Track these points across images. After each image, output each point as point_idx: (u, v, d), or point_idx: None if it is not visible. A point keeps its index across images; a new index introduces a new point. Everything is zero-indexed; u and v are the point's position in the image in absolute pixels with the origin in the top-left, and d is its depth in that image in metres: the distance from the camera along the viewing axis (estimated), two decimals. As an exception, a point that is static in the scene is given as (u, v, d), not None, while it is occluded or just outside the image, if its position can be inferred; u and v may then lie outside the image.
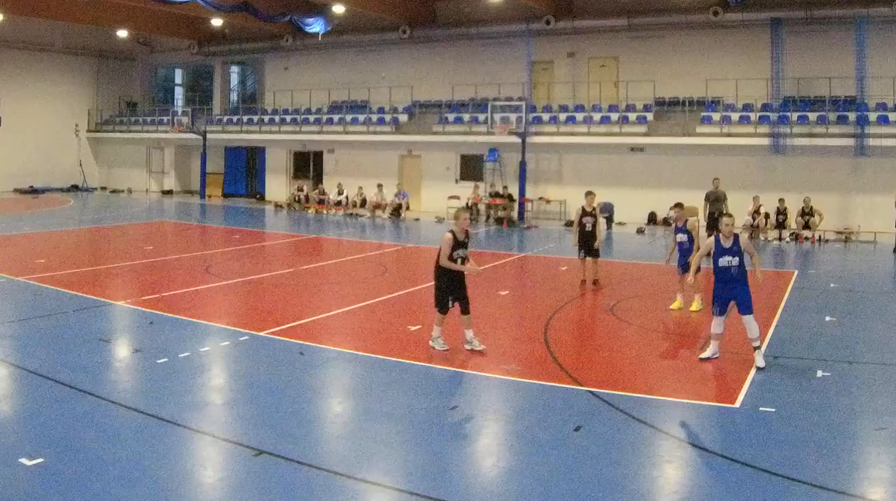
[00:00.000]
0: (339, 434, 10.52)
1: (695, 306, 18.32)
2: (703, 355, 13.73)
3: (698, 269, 15.05)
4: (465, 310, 14.29)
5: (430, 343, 14.37)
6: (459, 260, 14.06)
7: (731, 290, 13.54)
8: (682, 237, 18.63)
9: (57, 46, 56.96)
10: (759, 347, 13.58)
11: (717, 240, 13.66)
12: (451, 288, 14.17)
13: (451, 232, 14.08)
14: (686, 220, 18.91)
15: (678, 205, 19.65)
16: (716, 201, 29.70)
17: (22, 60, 55.02)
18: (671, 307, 18.59)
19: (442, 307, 14.22)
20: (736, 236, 13.58)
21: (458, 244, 14.03)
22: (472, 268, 14.27)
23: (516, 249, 31.62)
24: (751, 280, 13.67)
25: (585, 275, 21.74)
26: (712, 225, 27.60)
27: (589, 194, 21.75)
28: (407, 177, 46.89)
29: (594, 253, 21.45)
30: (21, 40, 54.54)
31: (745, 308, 13.45)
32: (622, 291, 21.06)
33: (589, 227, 21.36)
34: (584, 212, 21.47)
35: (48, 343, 14.57)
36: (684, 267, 18.22)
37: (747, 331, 13.54)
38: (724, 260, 13.49)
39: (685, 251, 18.49)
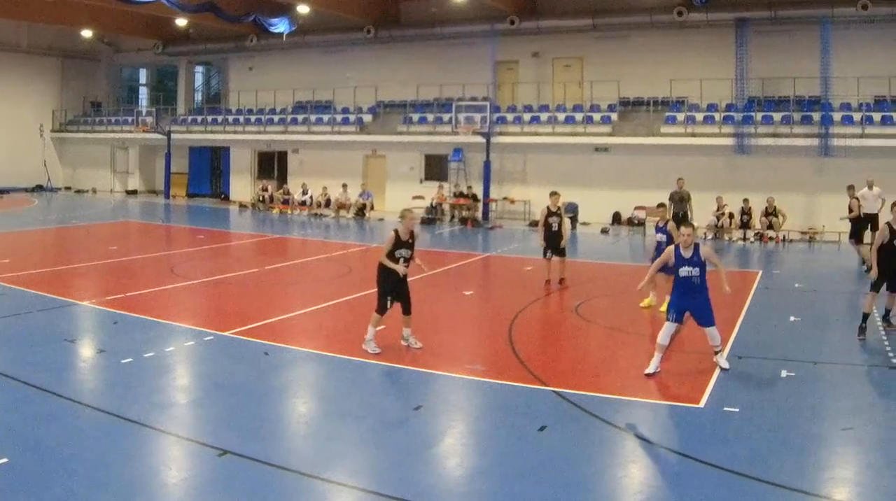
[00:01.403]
0: (303, 435, 10.40)
1: (664, 306, 17.17)
2: (648, 371, 12.88)
3: (665, 274, 14.55)
4: (406, 311, 14.21)
5: (363, 345, 13.97)
6: (402, 260, 13.93)
7: (689, 301, 12.97)
8: (661, 237, 18.32)
9: (21, 47, 55.34)
10: (720, 351, 13.27)
11: (677, 250, 13.09)
12: (391, 288, 13.98)
13: (395, 230, 14.05)
14: (667, 221, 18.61)
15: (661, 205, 19.69)
16: (680, 201, 28.92)
17: (-14, 60, 53.83)
18: (642, 305, 18.25)
19: (381, 307, 14.00)
20: (696, 246, 12.99)
21: (401, 243, 13.98)
22: (403, 269, 13.95)
23: (480, 249, 30.95)
24: (715, 290, 13.15)
25: (551, 275, 21.33)
26: (677, 225, 26.39)
27: (554, 194, 21.42)
28: (371, 177, 45.81)
29: (560, 253, 21.25)
30: (-16, 40, 53.44)
31: (705, 320, 13.00)
32: (587, 291, 20.63)
33: (555, 227, 21.12)
34: (550, 212, 21.18)
35: (12, 343, 14.31)
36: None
37: (709, 340, 13.14)
38: (685, 271, 12.90)
39: (663, 251, 17.70)
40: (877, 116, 34.46)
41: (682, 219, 23.59)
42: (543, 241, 21.26)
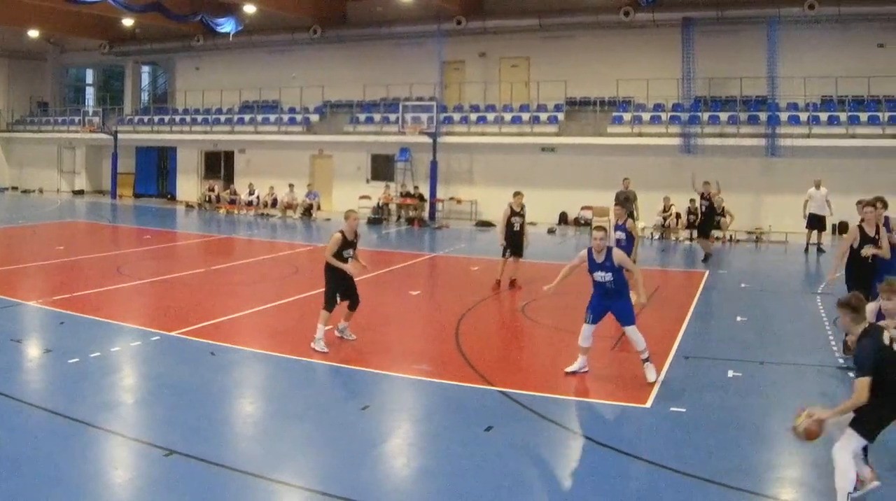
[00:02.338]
0: (250, 435, 10.12)
1: None
2: (570, 369, 12.43)
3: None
4: (352, 307, 14.18)
5: (312, 344, 13.60)
6: (349, 260, 13.90)
7: (607, 304, 12.37)
8: (619, 235, 18.16)
9: (-33, 47, 53.33)
10: (647, 359, 12.20)
11: (590, 254, 12.42)
12: (339, 286, 13.92)
13: (341, 231, 13.92)
14: (626, 219, 18.51)
15: (620, 205, 19.94)
16: (626, 201, 26.97)
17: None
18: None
19: (329, 304, 13.80)
20: (609, 249, 12.29)
21: (347, 244, 13.93)
22: (353, 268, 13.99)
23: (427, 249, 30.01)
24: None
25: (502, 276, 20.39)
26: None
27: (517, 194, 20.79)
28: (318, 177, 44.27)
29: (519, 253, 20.60)
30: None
31: (625, 319, 12.28)
32: (533, 291, 19.47)
33: (517, 227, 20.44)
34: (513, 212, 20.45)
35: (-42, 344, 13.82)
36: None
37: (632, 344, 12.31)
38: (598, 275, 12.31)
39: (623, 249, 16.31)
40: (823, 116, 33.76)
41: (629, 217, 23.39)
42: (504, 241, 20.44)
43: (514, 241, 20.44)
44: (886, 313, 9.48)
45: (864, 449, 8.15)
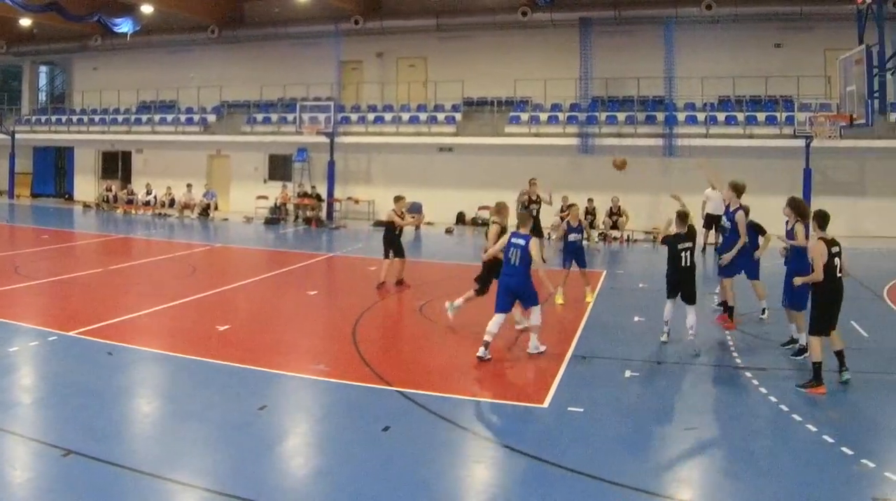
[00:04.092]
0: (148, 435, 9.42)
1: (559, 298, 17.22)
2: (480, 354, 12.31)
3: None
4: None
5: (450, 311, 14.43)
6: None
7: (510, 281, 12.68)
8: (575, 237, 17.66)
9: None
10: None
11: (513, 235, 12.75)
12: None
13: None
14: (580, 221, 18.11)
15: (572, 205, 19.06)
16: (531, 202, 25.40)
17: None
18: (558, 302, 17.07)
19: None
20: (527, 237, 12.58)
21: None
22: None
23: (325, 249, 28.13)
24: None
25: (387, 277, 18.98)
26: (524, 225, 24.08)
27: (399, 199, 19.55)
28: (215, 177, 40.72)
29: (401, 254, 19.29)
30: None
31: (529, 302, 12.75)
32: (431, 291, 18.63)
33: (397, 231, 19.29)
34: (396, 215, 19.31)
35: None
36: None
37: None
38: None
39: (577, 249, 17.67)
40: (721, 116, 31.81)
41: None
42: (387, 247, 19.32)
43: (397, 243, 19.18)
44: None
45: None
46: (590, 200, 30.05)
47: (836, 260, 10.84)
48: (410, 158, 36.18)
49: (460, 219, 35.49)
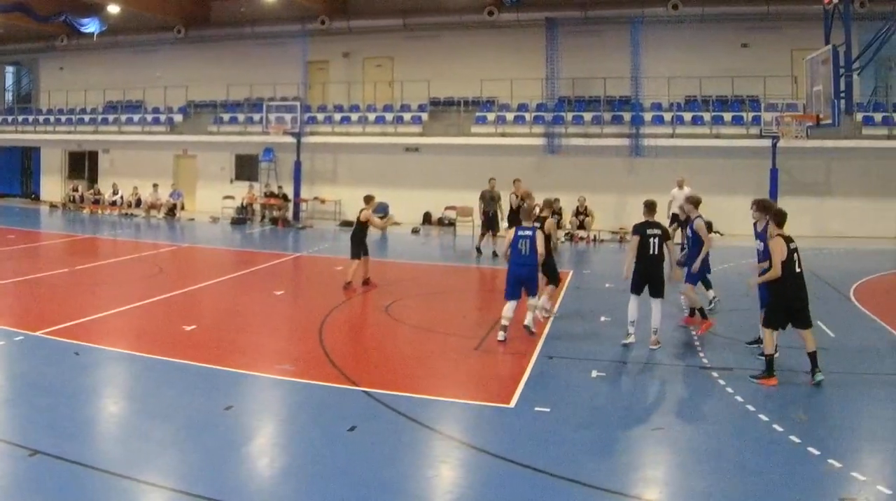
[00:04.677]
0: (115, 434, 9.22)
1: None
2: (500, 338, 13.08)
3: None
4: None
5: (540, 313, 14.31)
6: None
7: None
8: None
9: None
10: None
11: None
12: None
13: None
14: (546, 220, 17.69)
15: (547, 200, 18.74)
16: (491, 200, 25.62)
17: None
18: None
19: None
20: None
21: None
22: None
23: (291, 249, 27.66)
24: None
25: (354, 277, 18.56)
26: (487, 223, 25.19)
27: (368, 199, 19.29)
28: (182, 177, 39.54)
29: (366, 253, 18.91)
30: None
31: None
32: (397, 291, 18.53)
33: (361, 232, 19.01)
34: (370, 215, 18.99)
35: None
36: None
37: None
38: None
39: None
40: (687, 116, 31.05)
41: (492, 218, 24.58)
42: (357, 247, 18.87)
43: (365, 243, 18.83)
44: None
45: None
46: (556, 200, 28.99)
47: (795, 255, 10.92)
48: (377, 158, 35.20)
49: (427, 219, 34.57)
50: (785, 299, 10.89)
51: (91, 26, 40.91)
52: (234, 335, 13.77)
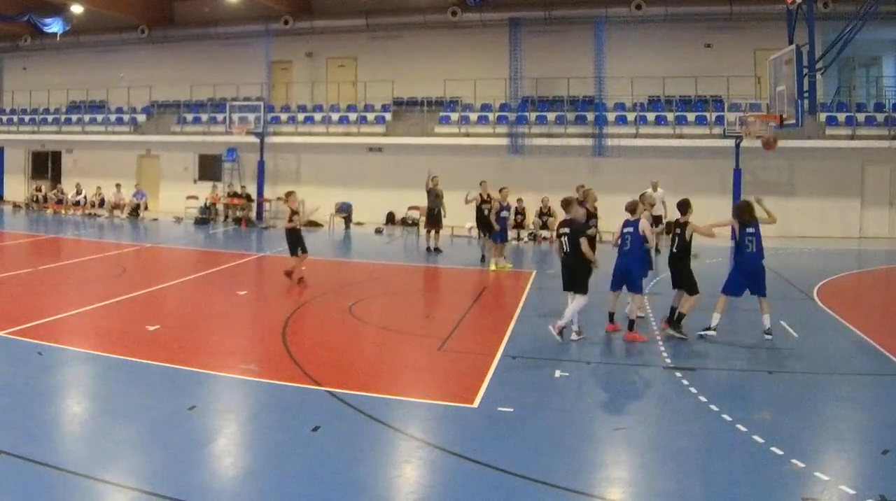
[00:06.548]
0: (78, 434, 8.84)
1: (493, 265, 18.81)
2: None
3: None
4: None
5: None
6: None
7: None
8: (504, 213, 20.73)
9: None
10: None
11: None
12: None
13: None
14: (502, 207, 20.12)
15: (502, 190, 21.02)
16: (435, 198, 25.02)
17: None
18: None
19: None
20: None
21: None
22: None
23: (254, 249, 26.64)
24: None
25: (298, 272, 18.51)
26: (431, 219, 24.59)
27: (289, 194, 19.65)
28: (145, 177, 37.76)
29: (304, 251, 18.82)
30: None
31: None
32: (360, 291, 18.06)
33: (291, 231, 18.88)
34: (293, 212, 18.99)
35: None
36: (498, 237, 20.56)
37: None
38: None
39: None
40: (650, 116, 29.81)
41: (436, 215, 24.04)
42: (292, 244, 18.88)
43: (294, 240, 18.68)
44: None
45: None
46: (519, 200, 27.81)
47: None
48: (340, 158, 33.74)
49: (390, 218, 33.17)
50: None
51: (55, 26, 39.19)
52: (197, 335, 13.53)
